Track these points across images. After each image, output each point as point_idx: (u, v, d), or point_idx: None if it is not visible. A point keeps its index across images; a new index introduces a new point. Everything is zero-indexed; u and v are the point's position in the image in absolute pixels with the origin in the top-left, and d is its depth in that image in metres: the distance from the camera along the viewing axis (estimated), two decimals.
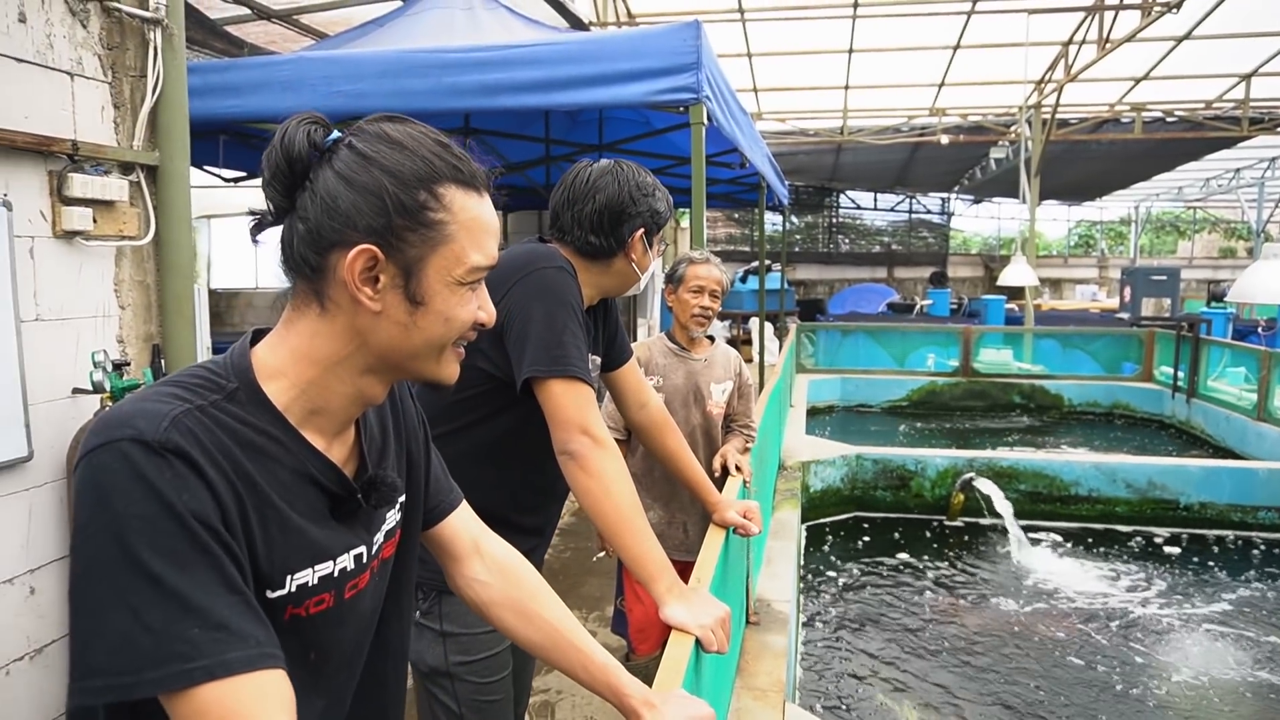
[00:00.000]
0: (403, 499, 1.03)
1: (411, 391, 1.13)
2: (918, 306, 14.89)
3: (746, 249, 21.00)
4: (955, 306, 15.05)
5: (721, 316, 13.09)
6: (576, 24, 7.14)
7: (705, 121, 3.14)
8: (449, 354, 0.92)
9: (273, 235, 0.92)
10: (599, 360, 1.85)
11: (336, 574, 0.90)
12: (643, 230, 1.70)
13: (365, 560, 0.94)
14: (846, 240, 22.16)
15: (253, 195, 9.71)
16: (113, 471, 0.73)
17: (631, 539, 1.50)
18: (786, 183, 9.76)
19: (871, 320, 12.73)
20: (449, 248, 0.86)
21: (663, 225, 1.74)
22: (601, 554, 2.89)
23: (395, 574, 1.04)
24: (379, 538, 0.97)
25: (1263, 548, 5.05)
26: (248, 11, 6.09)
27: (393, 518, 1.01)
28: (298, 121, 0.86)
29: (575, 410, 1.50)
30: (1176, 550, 5.08)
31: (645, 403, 1.98)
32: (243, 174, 5.83)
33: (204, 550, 0.73)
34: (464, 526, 1.16)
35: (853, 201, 21.66)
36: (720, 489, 2.67)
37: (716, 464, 2.70)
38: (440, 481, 1.15)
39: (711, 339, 2.89)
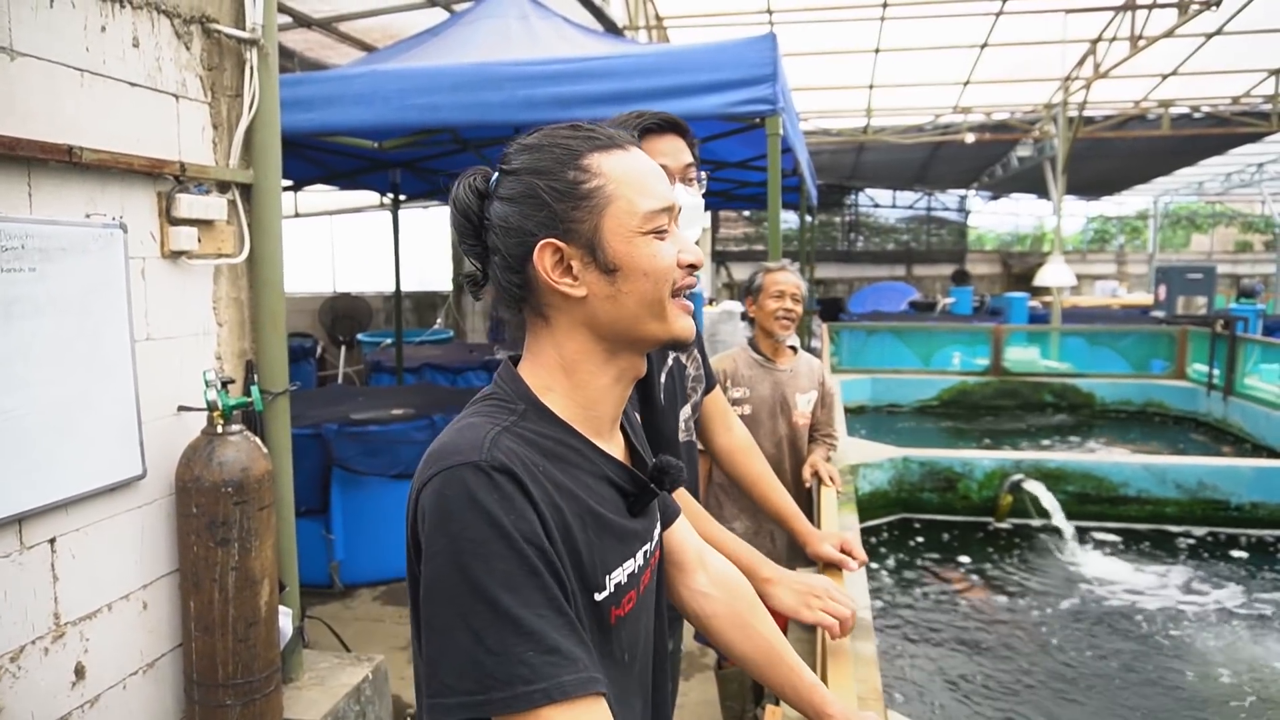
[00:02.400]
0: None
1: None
2: (940, 305, 14.87)
3: (762, 248, 20.99)
4: (977, 305, 15.02)
5: (744, 316, 13.09)
6: (611, 27, 7.16)
7: (780, 132, 3.17)
8: (670, 308, 0.92)
9: (298, 241, 0.94)
10: (700, 359, 1.78)
11: (636, 570, 0.95)
12: None
13: (650, 553, 0.99)
14: (861, 238, 22.14)
15: (284, 201, 9.73)
16: (447, 497, 0.78)
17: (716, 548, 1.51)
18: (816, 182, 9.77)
19: (897, 319, 12.71)
20: (615, 205, 0.89)
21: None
22: None
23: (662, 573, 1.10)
24: (657, 534, 1.02)
25: None
26: (289, 20, 6.13)
27: (658, 516, 1.06)
28: (458, 181, 0.92)
29: None
30: (1229, 551, 5.07)
31: (731, 426, 1.94)
32: (290, 183, 5.87)
33: (533, 572, 0.77)
34: (687, 537, 1.19)
35: (870, 199, 21.63)
36: (811, 499, 2.70)
37: (807, 473, 2.72)
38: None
39: (794, 348, 2.91)
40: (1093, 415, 9.04)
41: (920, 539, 5.31)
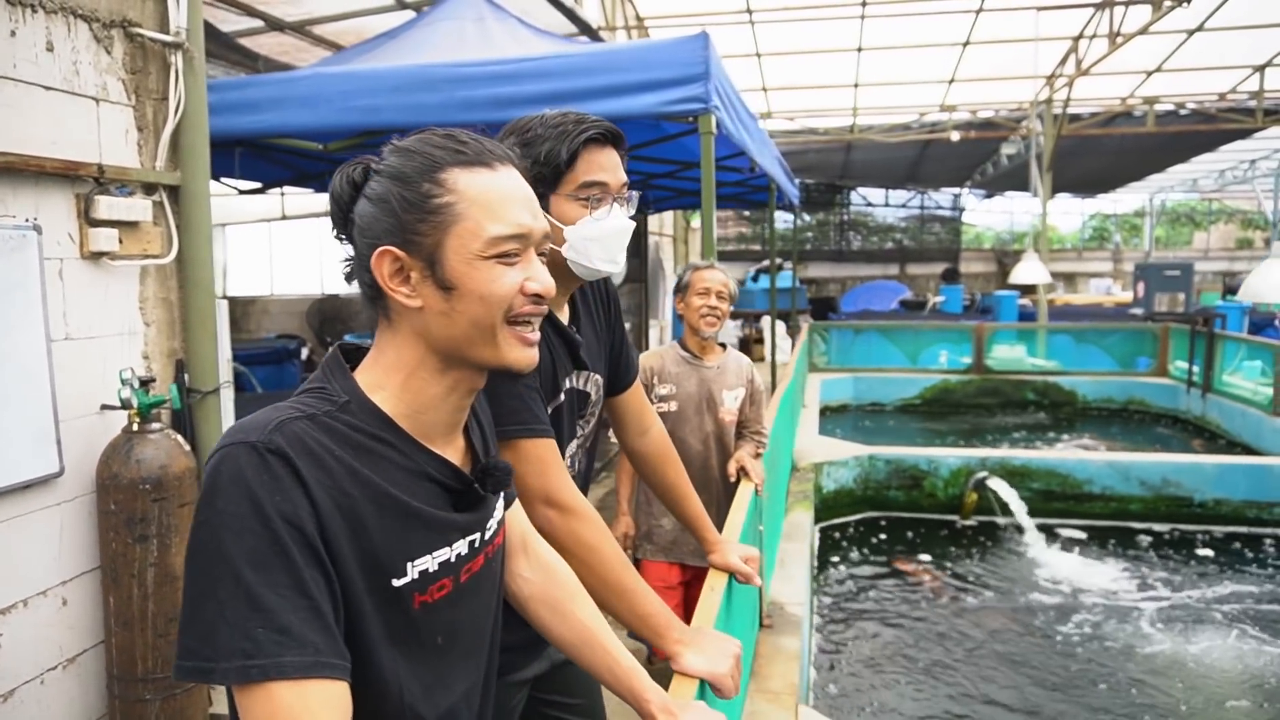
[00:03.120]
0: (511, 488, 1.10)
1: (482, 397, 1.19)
2: (930, 303, 14.85)
3: (758, 248, 21.01)
4: (968, 303, 15.00)
5: (733, 316, 13.13)
6: (586, 29, 7.18)
7: (714, 131, 3.19)
8: (505, 335, 0.92)
9: (285, 243, 0.97)
10: (600, 380, 1.67)
11: (453, 559, 0.97)
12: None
13: (479, 545, 1.01)
14: (858, 237, 22.13)
15: (270, 203, 9.82)
16: (220, 472, 0.81)
17: (629, 603, 1.39)
18: (796, 181, 9.77)
19: (883, 318, 12.72)
20: (461, 226, 0.89)
21: (554, 166, 1.37)
22: None
23: (502, 561, 1.12)
24: (492, 525, 1.04)
25: (1277, 544, 5.05)
26: (261, 24, 6.17)
27: (500, 508, 1.07)
28: (340, 169, 0.94)
29: (532, 478, 1.35)
30: (1191, 547, 5.07)
31: (648, 429, 1.82)
32: (258, 184, 5.91)
33: (283, 553, 0.79)
34: (516, 523, 1.21)
35: (863, 198, 21.63)
36: (734, 494, 2.71)
37: (732, 468, 2.74)
38: None
39: (723, 346, 2.93)
40: (1074, 413, 9.03)
41: (884, 535, 5.32)
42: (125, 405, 2.36)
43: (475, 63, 3.33)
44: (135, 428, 2.38)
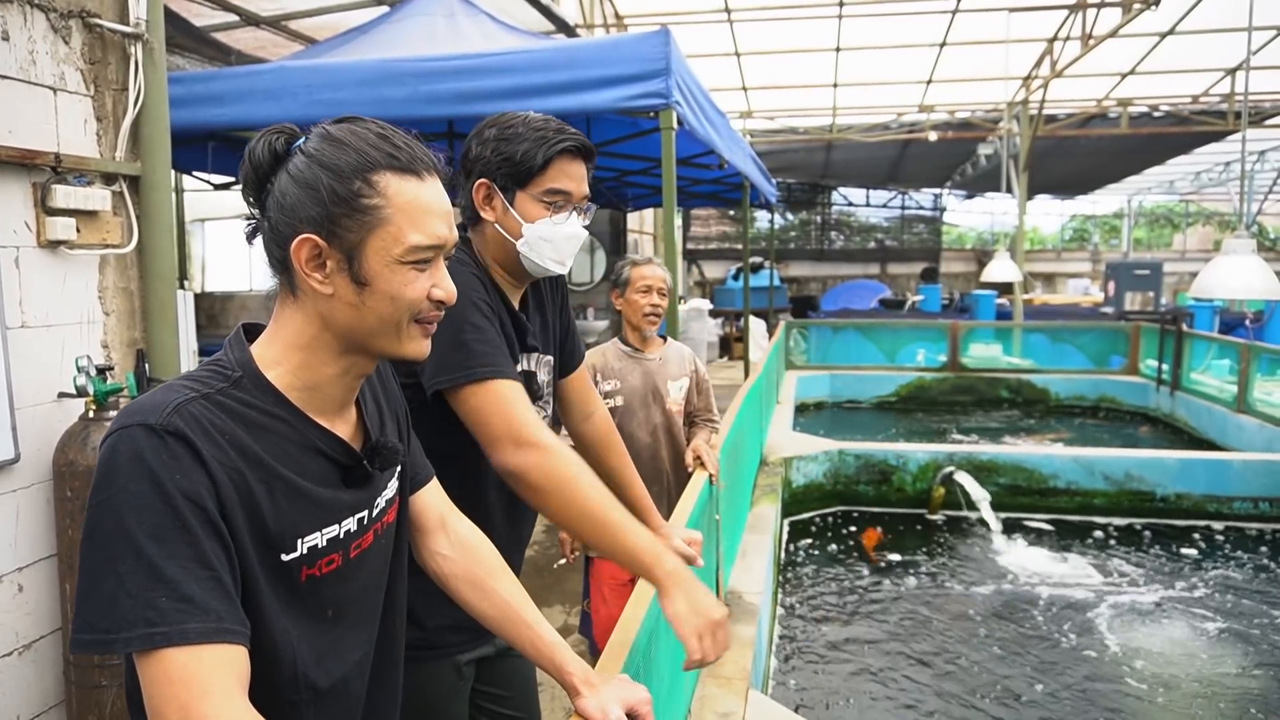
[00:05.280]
0: (401, 467, 1.13)
1: (395, 376, 1.23)
2: (909, 302, 14.98)
3: (740, 246, 21.09)
4: (947, 302, 15.14)
5: (714, 314, 13.18)
6: (563, 26, 7.20)
7: (675, 126, 3.23)
8: (409, 331, 0.98)
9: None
10: (551, 361, 1.74)
11: (342, 535, 1.00)
12: (484, 180, 1.49)
13: (367, 522, 1.05)
14: (840, 237, 22.25)
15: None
16: (119, 453, 0.83)
17: (614, 536, 1.33)
18: (776, 180, 9.83)
19: (861, 316, 12.82)
20: (385, 230, 0.93)
21: (527, 167, 1.46)
22: (563, 560, 2.96)
23: (397, 538, 1.14)
24: (380, 503, 1.07)
25: (1237, 537, 5.14)
26: (236, 19, 6.16)
27: (393, 486, 1.11)
28: (262, 134, 0.96)
29: (497, 419, 1.35)
30: (1153, 541, 5.16)
31: (591, 414, 1.86)
32: (231, 179, 5.90)
33: (184, 528, 0.82)
34: (434, 502, 1.25)
35: (845, 198, 21.74)
36: (685, 486, 2.75)
37: (689, 459, 2.77)
38: (417, 456, 1.24)
39: (664, 337, 2.95)
40: (1047, 410, 9.14)
41: (854, 529, 5.38)
42: (81, 393, 2.38)
43: (439, 57, 3.36)
44: (92, 415, 2.40)
